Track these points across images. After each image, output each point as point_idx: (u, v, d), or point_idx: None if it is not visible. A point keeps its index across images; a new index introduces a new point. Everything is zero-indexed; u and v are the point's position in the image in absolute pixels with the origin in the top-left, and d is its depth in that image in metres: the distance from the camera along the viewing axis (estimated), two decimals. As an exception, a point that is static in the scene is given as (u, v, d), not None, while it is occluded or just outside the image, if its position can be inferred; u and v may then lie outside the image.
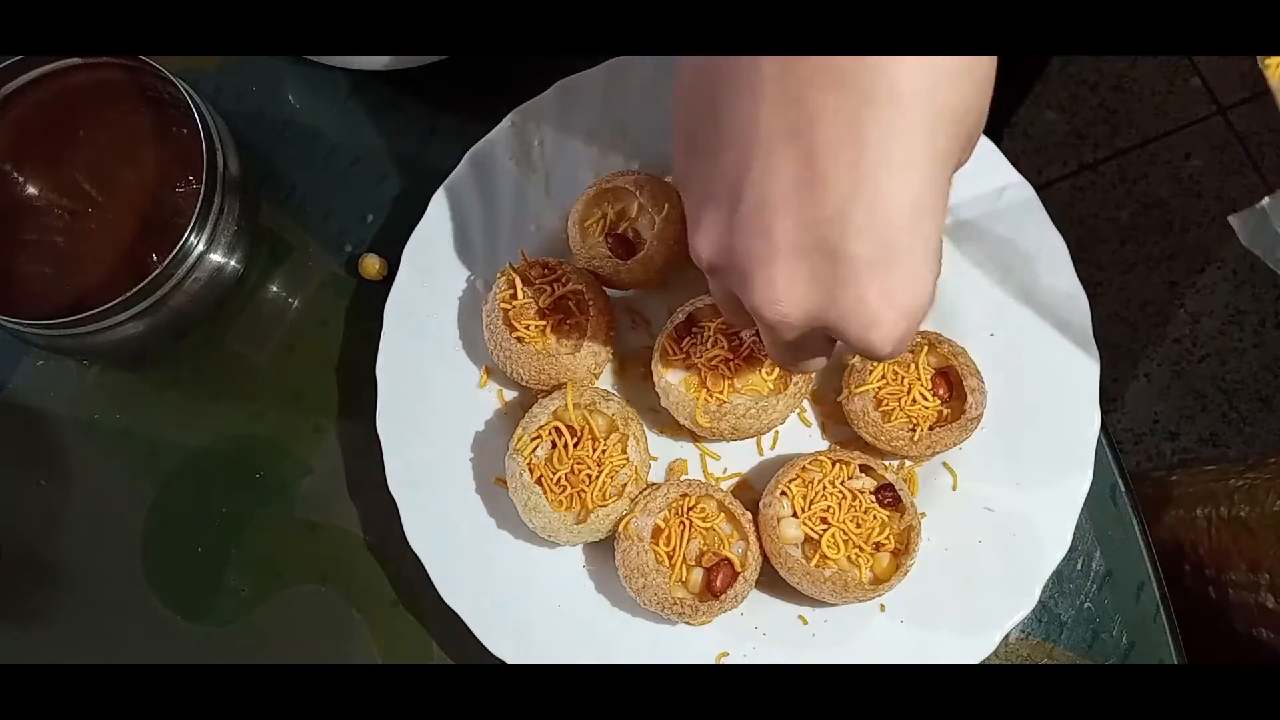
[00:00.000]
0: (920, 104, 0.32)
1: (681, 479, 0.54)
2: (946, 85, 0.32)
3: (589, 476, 0.52)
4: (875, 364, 0.54)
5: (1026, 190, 0.57)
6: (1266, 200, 0.46)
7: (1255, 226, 0.46)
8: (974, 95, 0.33)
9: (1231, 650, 0.68)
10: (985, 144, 0.58)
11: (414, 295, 0.57)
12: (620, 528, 0.52)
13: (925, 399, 0.53)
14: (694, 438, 0.57)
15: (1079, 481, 0.54)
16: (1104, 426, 0.55)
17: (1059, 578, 0.56)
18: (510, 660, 0.52)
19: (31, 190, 0.56)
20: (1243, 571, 0.66)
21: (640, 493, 0.53)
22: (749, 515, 0.53)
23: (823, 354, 0.41)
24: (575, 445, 0.52)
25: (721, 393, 0.53)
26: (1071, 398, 0.55)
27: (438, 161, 0.59)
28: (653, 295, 0.59)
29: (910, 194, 0.32)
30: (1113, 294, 1.39)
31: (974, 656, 0.52)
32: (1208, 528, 0.69)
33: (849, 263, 0.33)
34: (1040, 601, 0.54)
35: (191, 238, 0.53)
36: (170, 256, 0.52)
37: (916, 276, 0.34)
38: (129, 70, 0.56)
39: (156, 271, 0.52)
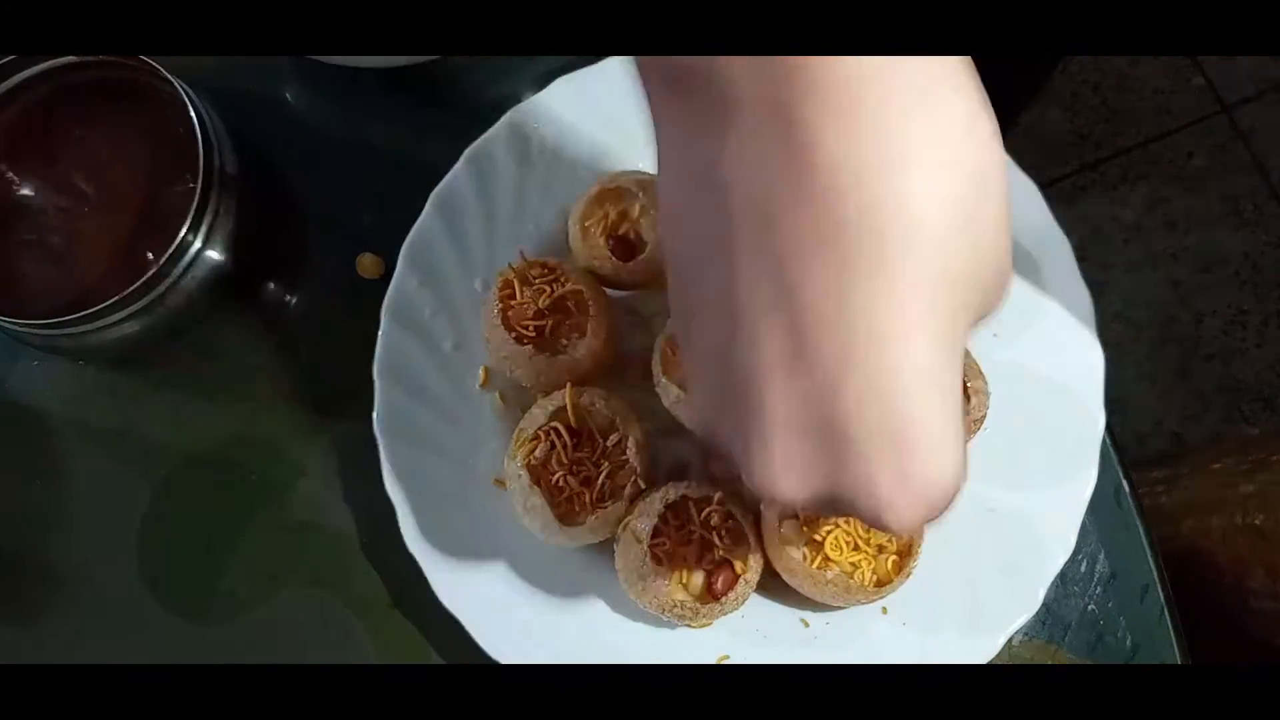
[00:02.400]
0: (911, 270, 0.28)
1: (681, 480, 0.54)
2: (941, 249, 0.28)
3: (589, 477, 0.51)
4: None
5: (1030, 189, 0.57)
6: None
7: None
8: (974, 254, 0.29)
9: (1253, 660, 0.68)
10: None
11: (412, 295, 0.56)
12: (620, 529, 0.52)
13: (928, 399, 0.53)
14: (694, 437, 0.57)
15: (1083, 483, 0.53)
16: (1108, 427, 0.55)
17: (1063, 580, 0.56)
18: (508, 664, 0.52)
19: (27, 190, 0.56)
20: (1261, 579, 0.66)
21: (640, 494, 0.52)
22: (750, 517, 0.52)
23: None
24: (575, 446, 0.52)
25: (722, 393, 0.53)
26: (1075, 398, 0.55)
27: (437, 161, 0.58)
28: (653, 295, 0.58)
29: (911, 364, 0.29)
30: (1116, 294, 1.39)
31: (977, 659, 0.52)
32: (1223, 536, 0.69)
33: (849, 442, 0.30)
34: (1044, 604, 0.54)
35: (188, 236, 0.53)
36: (167, 255, 0.51)
37: (933, 454, 0.29)
38: (127, 69, 0.56)
39: (153, 270, 0.51)
